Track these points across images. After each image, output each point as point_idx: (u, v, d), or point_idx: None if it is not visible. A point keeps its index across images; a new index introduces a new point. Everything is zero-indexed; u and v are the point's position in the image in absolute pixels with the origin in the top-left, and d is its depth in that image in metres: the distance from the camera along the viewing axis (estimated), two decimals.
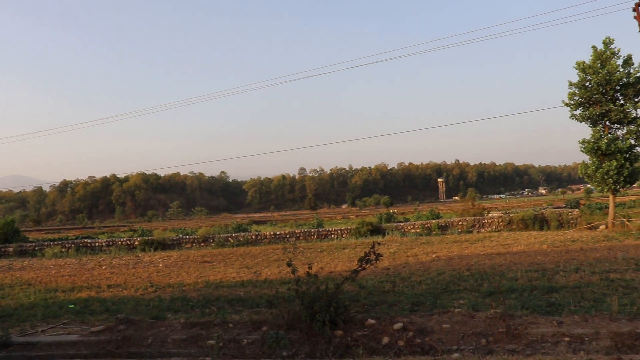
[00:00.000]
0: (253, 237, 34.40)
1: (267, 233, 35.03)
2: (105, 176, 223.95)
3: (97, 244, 35.34)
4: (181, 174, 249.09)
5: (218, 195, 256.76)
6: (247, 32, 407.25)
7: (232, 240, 33.71)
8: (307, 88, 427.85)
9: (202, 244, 34.18)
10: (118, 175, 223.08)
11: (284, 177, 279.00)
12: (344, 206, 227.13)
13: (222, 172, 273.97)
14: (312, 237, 34.43)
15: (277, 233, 34.90)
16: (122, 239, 36.03)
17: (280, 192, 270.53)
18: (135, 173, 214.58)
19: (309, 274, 8.73)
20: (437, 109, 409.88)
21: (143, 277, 19.10)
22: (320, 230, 35.66)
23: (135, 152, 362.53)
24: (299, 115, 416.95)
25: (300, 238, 34.29)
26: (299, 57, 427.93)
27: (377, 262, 8.88)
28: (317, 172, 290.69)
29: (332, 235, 34.59)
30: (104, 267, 23.48)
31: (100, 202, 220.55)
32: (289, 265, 8.90)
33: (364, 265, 8.82)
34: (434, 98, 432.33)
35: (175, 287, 15.85)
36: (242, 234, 35.42)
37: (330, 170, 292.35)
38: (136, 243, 34.51)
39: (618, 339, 7.12)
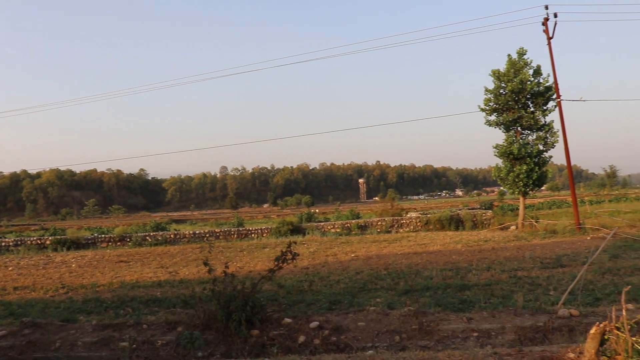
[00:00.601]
0: (172, 236, 33.70)
1: (187, 232, 34.41)
2: (15, 172, 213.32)
3: (3, 244, 33.47)
4: (98, 171, 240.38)
5: (137, 193, 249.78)
6: (177, 28, 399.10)
7: (150, 240, 32.88)
8: (231, 86, 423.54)
9: (118, 243, 33.14)
10: (29, 171, 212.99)
11: (205, 175, 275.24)
12: (265, 205, 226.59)
13: (142, 170, 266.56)
14: (232, 236, 34.12)
15: (197, 232, 34.35)
16: (32, 238, 34.27)
17: (201, 190, 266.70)
18: (48, 169, 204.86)
19: (226, 274, 8.66)
20: (358, 110, 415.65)
21: (54, 278, 18.31)
22: (241, 229, 35.38)
23: (48, 147, 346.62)
24: (221, 112, 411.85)
25: (220, 237, 33.90)
26: (222, 54, 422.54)
27: (294, 261, 8.93)
28: (239, 170, 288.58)
29: (253, 235, 34.41)
30: (10, 268, 22.28)
31: (8, 200, 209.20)
32: (205, 264, 8.79)
33: (281, 265, 8.85)
34: (356, 99, 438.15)
35: (88, 288, 15.30)
36: (161, 233, 34.61)
37: (252, 169, 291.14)
38: (47, 242, 32.97)
39: (521, 333, 7.51)
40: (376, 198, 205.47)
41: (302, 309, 10.33)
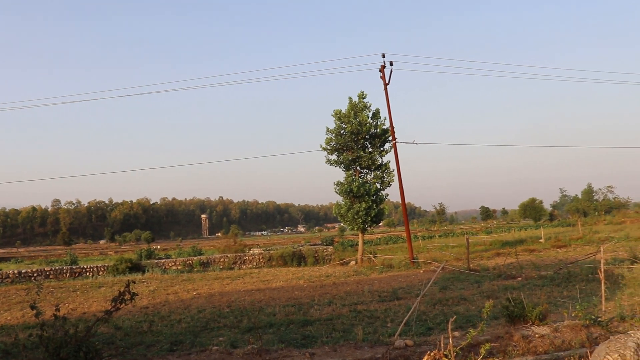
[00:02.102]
0: None
1: (10, 271, 31.44)
2: None
3: None
4: None
5: None
6: None
7: None
8: (65, 115, 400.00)
9: None
10: None
11: (34, 208, 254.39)
12: (102, 242, 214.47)
13: None
14: (65, 275, 31.78)
15: (23, 271, 31.53)
16: None
17: (29, 225, 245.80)
18: None
19: (57, 317, 7.98)
20: (200, 146, 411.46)
21: None
22: (74, 267, 33.08)
23: None
24: (53, 142, 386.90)
25: (51, 277, 31.41)
26: (59, 81, 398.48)
27: (133, 301, 8.50)
28: (74, 204, 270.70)
29: (88, 273, 32.32)
30: None
31: None
32: (32, 307, 8.06)
33: (118, 305, 8.37)
34: (199, 135, 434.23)
35: None
36: None
37: (89, 202, 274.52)
38: None
39: None
40: (219, 234, 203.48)
41: (141, 352, 9.82)
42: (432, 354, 5.41)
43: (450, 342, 5.46)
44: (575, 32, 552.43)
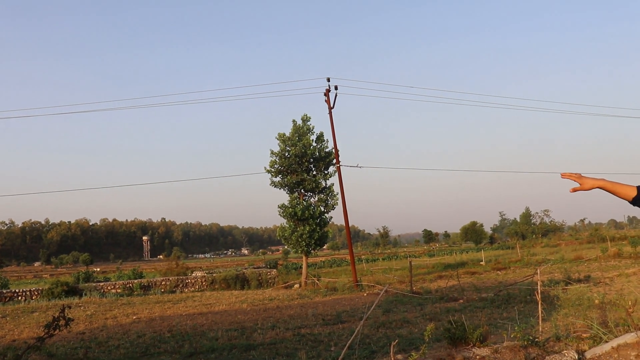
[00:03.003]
0: None
1: None
2: None
3: None
4: None
5: None
6: None
7: None
8: None
9: None
10: None
11: None
12: (36, 264, 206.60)
13: None
14: None
15: None
16: None
17: None
18: None
19: None
20: (142, 167, 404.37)
21: None
22: (5, 291, 31.70)
23: None
24: None
25: None
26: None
27: (68, 327, 8.19)
28: (7, 224, 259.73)
29: (19, 297, 31.01)
30: None
31: None
32: None
33: (52, 332, 8.03)
34: (143, 155, 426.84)
35: None
36: None
37: (23, 223, 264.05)
38: None
39: None
40: (161, 256, 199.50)
41: None
42: None
43: None
44: (514, 55, 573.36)
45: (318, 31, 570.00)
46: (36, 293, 31.52)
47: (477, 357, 8.06)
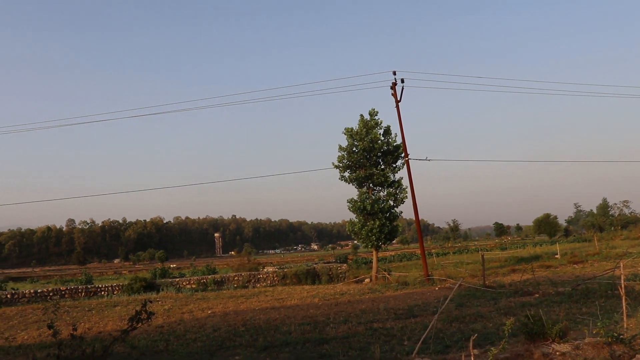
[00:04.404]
0: (8, 296, 30.74)
1: (27, 291, 31.61)
2: None
3: None
4: None
5: None
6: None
7: None
8: (78, 136, 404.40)
9: None
10: None
11: (49, 228, 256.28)
12: (116, 261, 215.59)
13: None
14: (80, 294, 31.86)
15: (39, 291, 31.67)
16: None
17: (44, 245, 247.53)
18: None
19: (74, 336, 7.99)
20: (213, 165, 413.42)
21: None
22: (89, 287, 33.19)
23: None
24: (68, 163, 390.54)
25: (66, 296, 31.51)
26: (69, 102, 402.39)
27: (150, 320, 8.49)
28: (88, 224, 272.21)
29: (103, 293, 32.38)
30: None
31: None
32: (50, 327, 8.07)
33: (135, 325, 8.35)
34: (209, 154, 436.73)
35: None
36: None
37: (103, 222, 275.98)
38: None
39: None
40: (232, 252, 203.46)
41: None
42: None
43: (472, 359, 5.39)
44: (591, 46, 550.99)
45: (383, 24, 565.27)
46: (117, 288, 32.83)
47: (557, 353, 7.79)
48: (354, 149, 32.00)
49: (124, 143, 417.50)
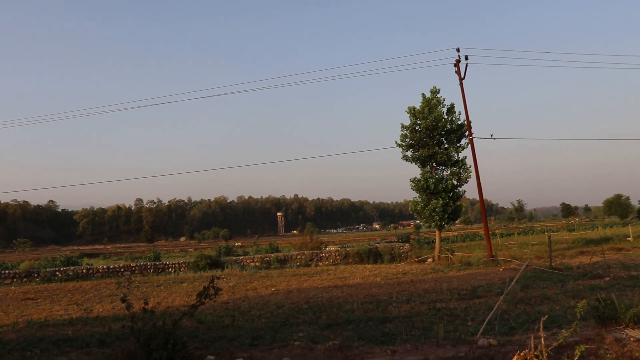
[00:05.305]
0: (84, 271, 32.23)
1: (100, 267, 33.04)
2: None
3: None
4: (1, 202, 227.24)
5: (45, 225, 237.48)
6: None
7: (60, 275, 31.28)
8: (146, 118, 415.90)
9: (24, 280, 31.31)
10: None
11: (119, 207, 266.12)
12: (182, 239, 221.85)
13: (51, 201, 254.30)
14: (149, 270, 33.05)
15: (111, 267, 33.04)
16: None
17: (114, 223, 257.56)
18: None
19: (145, 310, 8.31)
20: (276, 145, 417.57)
21: None
22: (157, 263, 34.36)
23: None
24: (135, 144, 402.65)
25: (136, 272, 32.74)
26: (134, 86, 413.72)
27: (217, 296, 8.72)
28: (155, 203, 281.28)
29: (170, 269, 33.47)
30: None
31: None
32: (123, 300, 8.41)
33: (203, 300, 8.60)
34: (274, 133, 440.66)
35: None
36: (72, 267, 33.02)
37: (169, 201, 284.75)
38: None
39: None
40: (295, 231, 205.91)
41: (224, 345, 10.06)
42: (522, 354, 5.26)
43: (543, 342, 5.28)
44: None
45: (446, 1, 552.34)
46: (184, 265, 33.83)
47: (632, 339, 7.53)
48: (417, 127, 31.65)
49: (189, 124, 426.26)
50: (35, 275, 31.51)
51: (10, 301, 21.11)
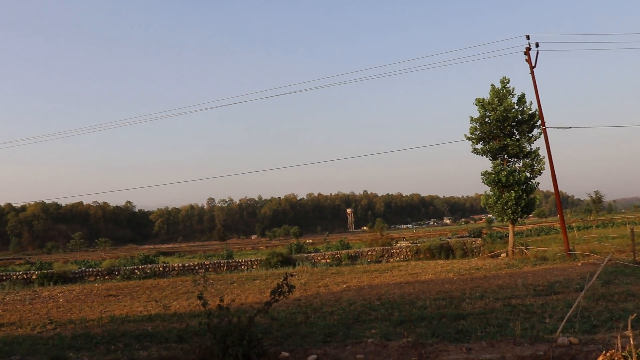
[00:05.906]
0: (160, 269, 33.37)
1: (176, 265, 34.10)
2: None
3: None
4: (84, 204, 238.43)
5: (123, 225, 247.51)
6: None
7: (138, 273, 32.54)
8: (216, 119, 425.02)
9: (106, 277, 32.75)
10: (13, 204, 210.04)
11: (192, 207, 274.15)
12: (253, 237, 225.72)
13: (128, 202, 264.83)
14: (222, 268, 33.84)
15: (186, 265, 34.05)
16: (17, 273, 33.70)
17: (188, 222, 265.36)
18: (33, 202, 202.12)
19: (221, 307, 8.50)
20: (345, 140, 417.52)
21: (41, 313, 17.94)
22: (230, 261, 35.14)
23: (33, 180, 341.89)
24: (207, 145, 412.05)
25: (210, 269, 33.61)
26: (209, 87, 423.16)
27: (290, 293, 8.81)
28: (226, 202, 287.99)
29: (242, 267, 34.15)
30: None
31: None
32: (199, 297, 8.64)
33: (277, 297, 8.71)
34: (342, 130, 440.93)
35: (77, 323, 14.96)
36: (149, 265, 34.27)
37: (240, 200, 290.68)
38: (34, 277, 32.47)
39: None
40: (365, 228, 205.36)
41: (297, 342, 10.17)
42: (608, 354, 5.05)
43: (632, 342, 5.05)
44: None
45: None
46: (256, 263, 34.44)
47: None
48: (487, 119, 30.99)
49: (259, 125, 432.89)
50: (116, 273, 32.88)
51: (94, 297, 22.15)
